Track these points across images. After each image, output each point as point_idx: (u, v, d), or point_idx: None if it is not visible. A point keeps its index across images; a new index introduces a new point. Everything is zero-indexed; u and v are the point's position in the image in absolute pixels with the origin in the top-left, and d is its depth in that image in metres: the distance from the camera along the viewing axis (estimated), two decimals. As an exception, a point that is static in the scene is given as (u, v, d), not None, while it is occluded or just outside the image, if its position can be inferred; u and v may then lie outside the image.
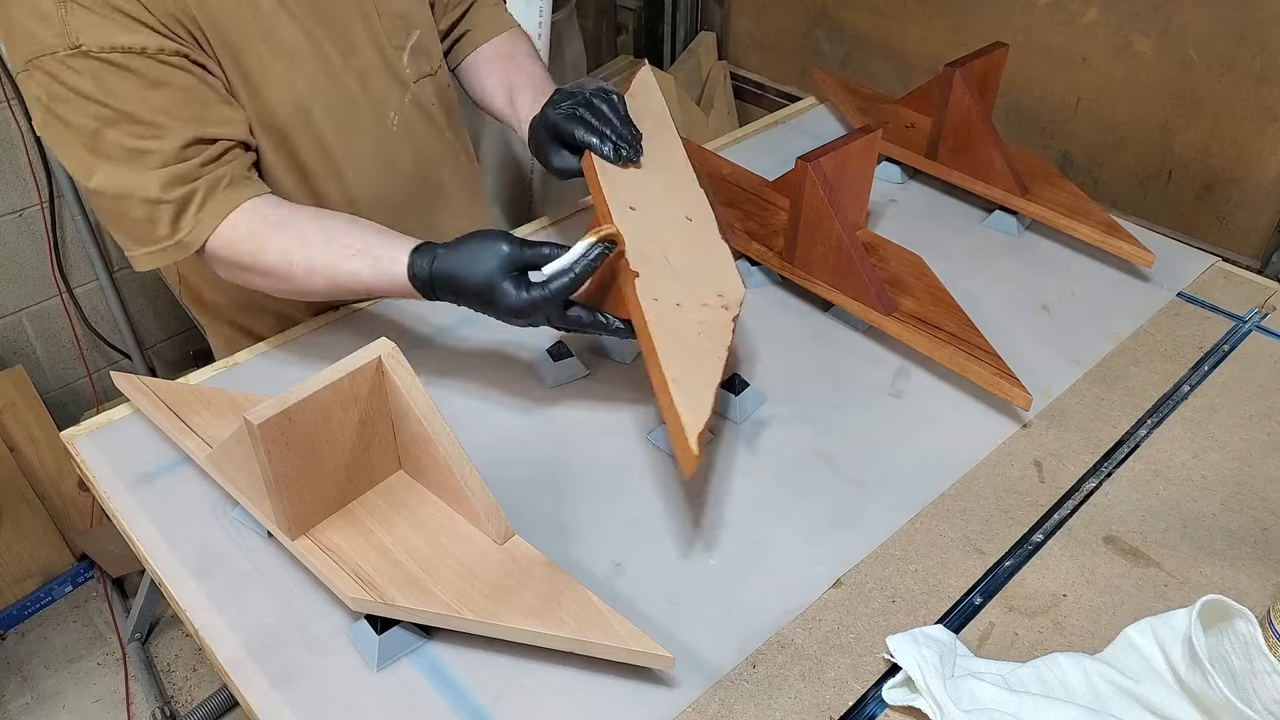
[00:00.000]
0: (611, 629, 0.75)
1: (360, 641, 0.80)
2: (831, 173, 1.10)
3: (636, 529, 0.91)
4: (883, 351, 1.13)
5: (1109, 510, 0.94)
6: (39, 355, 1.98)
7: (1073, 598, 0.86)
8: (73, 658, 1.85)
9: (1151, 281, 1.24)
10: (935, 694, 0.73)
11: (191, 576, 0.86)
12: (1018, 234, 1.33)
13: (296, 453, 0.78)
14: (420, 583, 0.78)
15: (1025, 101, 1.94)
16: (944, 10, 2.00)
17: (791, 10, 2.33)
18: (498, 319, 0.90)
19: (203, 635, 0.82)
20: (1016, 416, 1.04)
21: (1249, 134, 1.66)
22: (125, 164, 0.91)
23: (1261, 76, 1.61)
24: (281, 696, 0.77)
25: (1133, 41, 1.74)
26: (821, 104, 1.67)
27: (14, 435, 1.84)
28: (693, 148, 1.44)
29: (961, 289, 1.19)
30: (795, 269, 1.17)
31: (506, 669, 0.79)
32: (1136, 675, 0.76)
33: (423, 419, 0.80)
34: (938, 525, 0.92)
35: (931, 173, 1.39)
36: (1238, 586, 0.87)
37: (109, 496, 0.94)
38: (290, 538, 0.82)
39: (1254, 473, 0.98)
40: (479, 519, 0.82)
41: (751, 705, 0.77)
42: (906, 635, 0.78)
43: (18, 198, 1.83)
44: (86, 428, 1.01)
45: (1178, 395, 1.07)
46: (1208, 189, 1.75)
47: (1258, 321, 1.18)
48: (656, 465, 0.98)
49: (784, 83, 2.46)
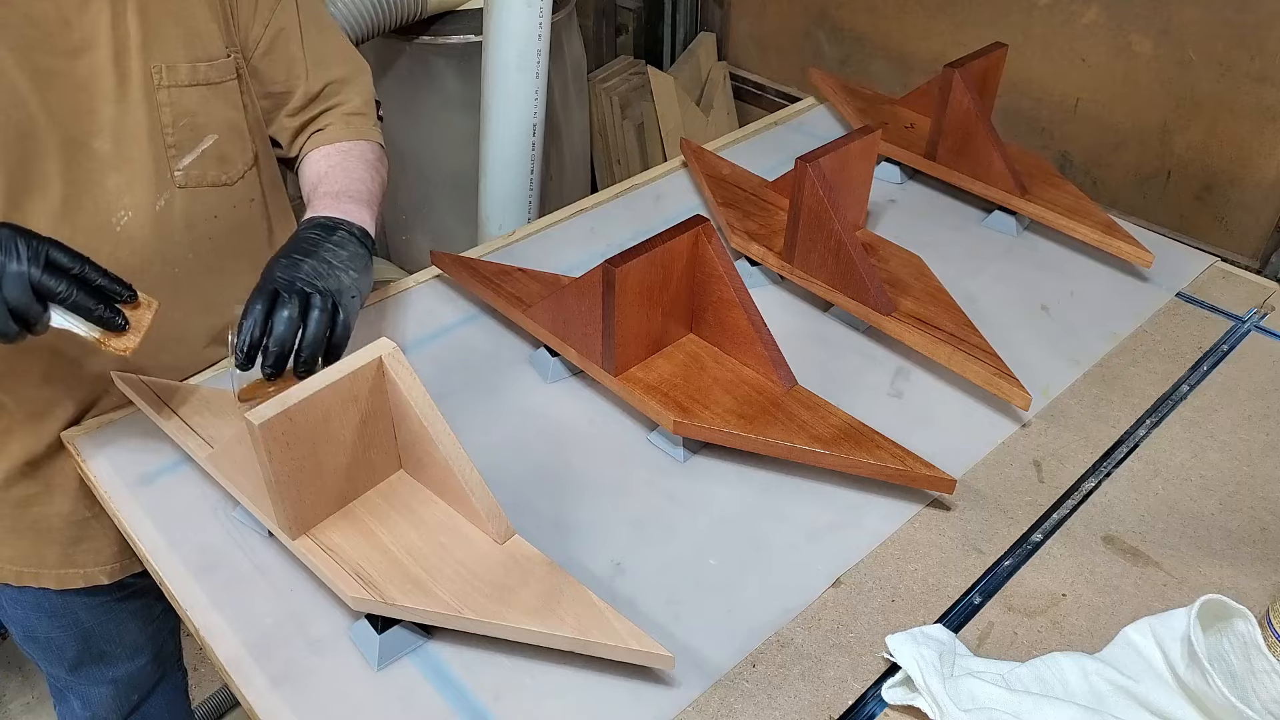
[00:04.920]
0: (612, 628, 0.75)
1: (361, 641, 0.80)
2: (831, 173, 1.10)
3: (636, 529, 0.91)
4: (882, 351, 1.13)
5: (1108, 510, 0.94)
6: (39, 355, 1.98)
7: (1072, 597, 0.86)
8: (73, 657, 1.85)
9: (1151, 281, 1.24)
10: (935, 693, 0.73)
11: (192, 576, 0.86)
12: (1017, 234, 1.33)
13: (297, 452, 0.78)
14: (421, 582, 0.78)
15: (1025, 102, 1.94)
16: (944, 10, 2.00)
17: (791, 10, 2.33)
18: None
19: (203, 635, 0.82)
20: (1016, 416, 1.04)
21: (1248, 134, 1.66)
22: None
23: (1261, 77, 1.61)
24: (281, 696, 0.77)
25: (1132, 42, 1.74)
26: (821, 104, 1.67)
27: (14, 435, 1.83)
28: (693, 148, 1.44)
29: (961, 289, 1.19)
30: (795, 269, 1.18)
31: (506, 669, 0.79)
32: (1135, 675, 0.76)
33: (423, 419, 0.80)
34: (937, 525, 0.92)
35: (931, 173, 1.40)
36: (1237, 586, 0.87)
37: (109, 496, 0.94)
38: (291, 537, 0.82)
39: (1253, 472, 0.98)
40: (479, 518, 0.82)
41: (751, 705, 0.77)
42: (906, 634, 0.78)
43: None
44: (87, 428, 1.01)
45: (1177, 395, 1.07)
46: (1207, 189, 1.75)
47: (1257, 321, 1.18)
48: (656, 465, 0.98)
49: (784, 83, 2.46)
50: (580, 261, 1.26)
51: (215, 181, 1.02)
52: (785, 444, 0.92)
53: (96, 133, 0.93)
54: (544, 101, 1.90)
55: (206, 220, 1.03)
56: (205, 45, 0.98)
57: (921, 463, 0.91)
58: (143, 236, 0.97)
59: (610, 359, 0.99)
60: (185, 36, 0.96)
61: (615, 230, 1.33)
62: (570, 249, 1.29)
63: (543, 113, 1.91)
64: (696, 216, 0.99)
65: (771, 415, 0.95)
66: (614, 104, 2.51)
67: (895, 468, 0.90)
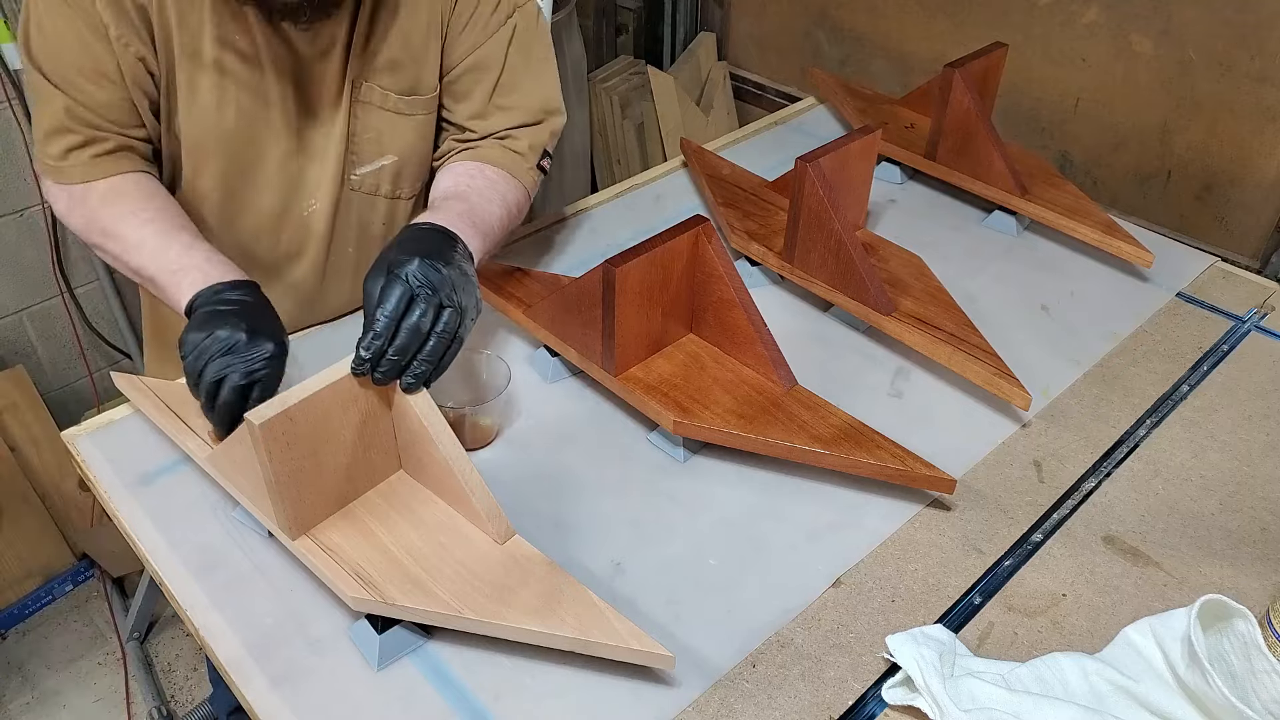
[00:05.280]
0: (612, 628, 0.75)
1: (361, 641, 0.80)
2: (831, 173, 1.10)
3: (636, 529, 0.91)
4: (882, 351, 1.13)
5: (1108, 510, 0.94)
6: (40, 355, 1.98)
7: (1072, 597, 0.86)
8: (73, 657, 1.85)
9: (1151, 281, 1.24)
10: (935, 693, 0.73)
11: (192, 576, 0.86)
12: (1017, 234, 1.33)
13: (297, 452, 0.78)
14: (421, 582, 0.78)
15: (1025, 101, 1.94)
16: (944, 10, 2.00)
17: (791, 10, 2.33)
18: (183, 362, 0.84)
19: (203, 635, 0.82)
20: (1016, 416, 1.04)
21: (1248, 134, 1.66)
22: None
23: (1261, 77, 1.61)
24: (281, 696, 0.77)
25: (1132, 42, 1.74)
26: (821, 104, 1.67)
27: (14, 435, 1.84)
28: (693, 148, 1.44)
29: (961, 289, 1.19)
30: (795, 269, 1.17)
31: (506, 669, 0.79)
32: (1136, 675, 0.76)
33: (423, 419, 0.80)
34: (938, 525, 0.92)
35: (931, 173, 1.40)
36: (1237, 586, 0.87)
37: (109, 496, 0.94)
38: (291, 537, 0.82)
39: (1253, 472, 0.98)
40: (479, 519, 0.82)
41: (751, 705, 0.77)
42: (906, 635, 0.78)
43: (19, 198, 1.82)
44: (87, 428, 1.01)
45: (1177, 395, 1.07)
46: (1207, 189, 1.75)
47: (1257, 321, 1.18)
48: (656, 465, 0.98)
49: (784, 83, 2.46)
50: (580, 261, 1.26)
51: (388, 195, 1.12)
52: (785, 444, 0.92)
53: (315, 130, 1.05)
54: (544, 101, 1.89)
55: (375, 224, 1.14)
56: (410, 75, 1.04)
57: (921, 463, 0.91)
58: (320, 227, 1.10)
59: (610, 359, 0.99)
60: (393, 61, 1.03)
61: (615, 230, 1.33)
62: (570, 249, 1.29)
63: (543, 113, 1.90)
64: (696, 216, 0.99)
65: (771, 415, 0.95)
66: (614, 104, 2.51)
67: (895, 468, 0.90)
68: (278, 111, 1.02)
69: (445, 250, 0.86)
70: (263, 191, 1.06)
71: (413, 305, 0.81)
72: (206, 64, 0.97)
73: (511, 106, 1.09)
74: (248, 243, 1.10)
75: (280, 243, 1.11)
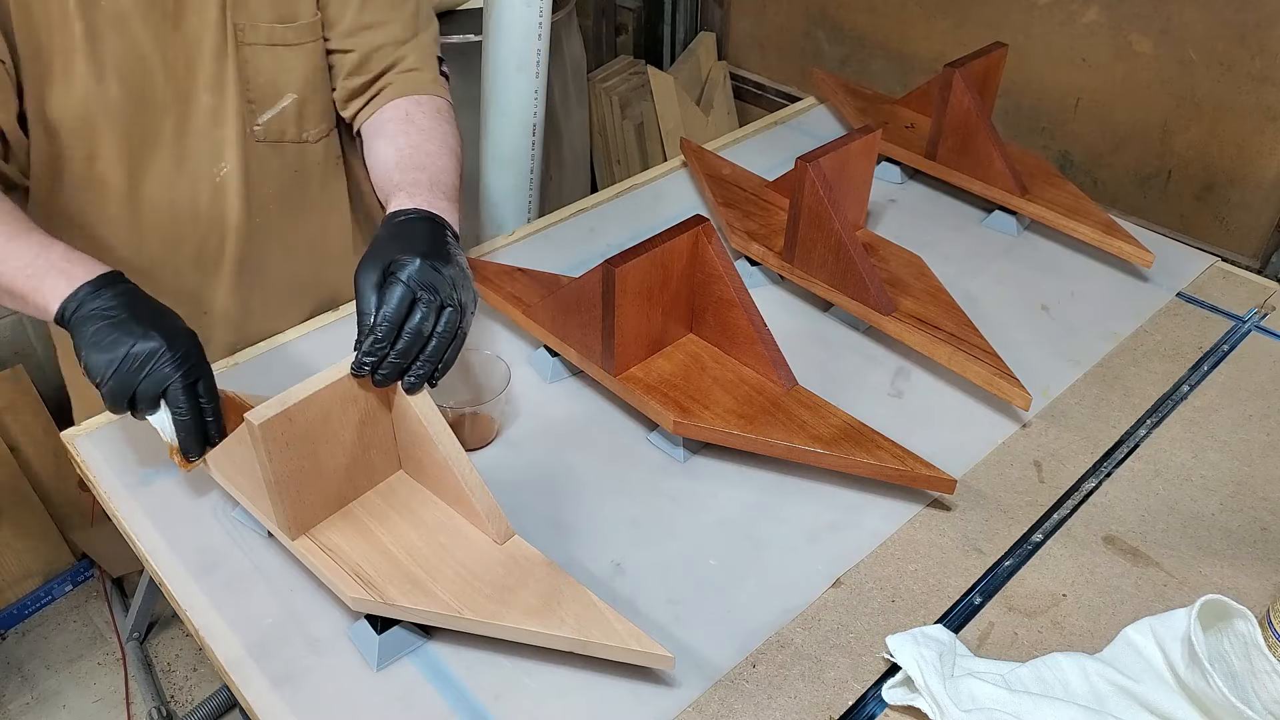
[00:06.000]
0: (612, 629, 0.75)
1: (360, 641, 0.80)
2: (831, 173, 1.10)
3: (636, 529, 0.91)
4: (882, 351, 1.13)
5: (1109, 510, 0.94)
6: (39, 355, 1.98)
7: (1072, 597, 0.86)
8: (73, 657, 1.85)
9: (1151, 281, 1.24)
10: (935, 693, 0.73)
11: (191, 576, 0.86)
12: (1017, 234, 1.33)
13: (297, 453, 0.78)
14: (420, 583, 0.78)
15: (1025, 101, 1.94)
16: (944, 10, 2.00)
17: (791, 10, 2.33)
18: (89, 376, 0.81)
19: (203, 635, 0.82)
20: (1016, 416, 1.04)
21: (1249, 134, 1.66)
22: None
23: (1261, 76, 1.61)
24: (281, 696, 0.77)
25: (1133, 41, 1.74)
26: (821, 104, 1.67)
27: (14, 435, 1.84)
28: (693, 148, 1.44)
29: (961, 289, 1.19)
30: (795, 269, 1.17)
31: (506, 669, 0.79)
32: (1136, 675, 0.76)
33: (422, 419, 0.80)
34: (938, 525, 0.92)
35: (931, 173, 1.40)
36: (1237, 586, 0.87)
37: (109, 496, 0.94)
38: (290, 538, 0.82)
39: (1254, 473, 0.98)
40: (479, 519, 0.82)
41: (751, 705, 0.77)
42: (906, 635, 0.78)
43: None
44: (86, 428, 1.01)
45: (1177, 395, 1.07)
46: (1207, 189, 1.75)
47: (1257, 321, 1.18)
48: (656, 465, 0.98)
49: (784, 83, 2.46)
50: (580, 261, 1.26)
51: (294, 139, 1.08)
52: (785, 444, 0.92)
53: (202, 88, 1.01)
54: (544, 101, 1.90)
55: (287, 174, 1.10)
56: (291, 5, 1.01)
57: (922, 463, 0.91)
58: (236, 187, 1.06)
59: (610, 359, 0.99)
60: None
61: (615, 230, 1.33)
62: (570, 249, 1.29)
63: (542, 112, 1.91)
64: (696, 216, 0.99)
65: (771, 415, 0.95)
66: (614, 104, 2.51)
67: (895, 468, 0.90)
68: (162, 74, 0.97)
69: (441, 246, 0.85)
70: (167, 162, 1.01)
71: (414, 308, 0.80)
72: (76, 38, 0.92)
73: (378, 23, 1.06)
74: (164, 225, 1.05)
75: (200, 218, 1.06)
